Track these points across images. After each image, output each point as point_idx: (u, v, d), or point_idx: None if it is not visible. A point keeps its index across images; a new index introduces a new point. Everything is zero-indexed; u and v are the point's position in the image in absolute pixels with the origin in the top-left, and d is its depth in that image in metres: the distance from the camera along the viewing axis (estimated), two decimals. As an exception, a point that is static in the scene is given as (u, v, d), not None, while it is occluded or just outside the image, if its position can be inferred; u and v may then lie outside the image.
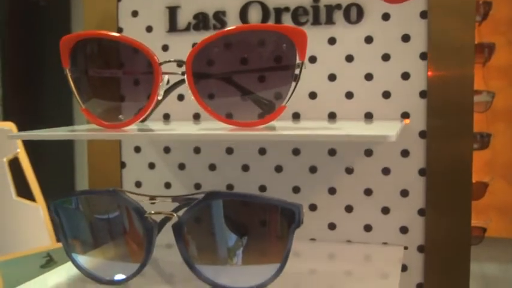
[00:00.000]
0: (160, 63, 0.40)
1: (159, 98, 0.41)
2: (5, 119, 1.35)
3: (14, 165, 0.99)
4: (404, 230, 0.50)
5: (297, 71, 0.40)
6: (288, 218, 0.37)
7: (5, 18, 1.38)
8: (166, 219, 0.44)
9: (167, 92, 0.47)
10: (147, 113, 0.41)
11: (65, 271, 0.44)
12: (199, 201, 0.38)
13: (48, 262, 0.88)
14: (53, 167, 1.38)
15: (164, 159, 0.55)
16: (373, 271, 0.45)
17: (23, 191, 0.99)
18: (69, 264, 0.44)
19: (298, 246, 0.50)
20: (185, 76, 0.40)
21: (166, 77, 0.41)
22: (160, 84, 0.40)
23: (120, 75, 0.43)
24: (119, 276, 0.41)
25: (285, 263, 0.38)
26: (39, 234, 0.96)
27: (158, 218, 0.41)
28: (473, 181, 1.12)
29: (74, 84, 0.42)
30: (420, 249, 0.50)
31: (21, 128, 0.99)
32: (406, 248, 0.50)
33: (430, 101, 0.48)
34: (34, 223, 0.98)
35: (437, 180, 0.49)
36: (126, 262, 0.41)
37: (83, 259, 0.42)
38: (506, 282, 1.40)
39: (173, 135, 0.38)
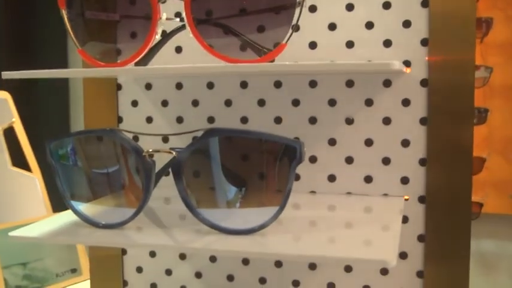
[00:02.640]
0: (159, 0, 0.39)
1: (157, 37, 0.40)
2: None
3: (9, 134, 0.98)
4: (405, 180, 0.49)
5: (297, 9, 0.39)
6: (289, 154, 0.36)
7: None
8: (164, 169, 0.43)
9: (165, 39, 0.46)
10: (145, 52, 0.40)
11: (63, 217, 0.43)
12: (198, 138, 0.37)
13: (44, 232, 0.87)
14: (47, 135, 1.36)
15: (162, 113, 0.54)
16: (374, 223, 0.44)
17: (18, 160, 0.98)
18: (68, 211, 0.43)
19: (297, 199, 0.49)
20: (184, 17, 0.40)
21: (164, 15, 0.40)
22: (159, 22, 0.40)
23: (117, 15, 0.42)
24: (116, 220, 0.40)
25: (286, 202, 0.37)
26: (35, 204, 0.95)
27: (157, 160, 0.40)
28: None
29: (70, 25, 0.41)
30: (421, 200, 0.49)
31: (16, 92, 0.98)
32: (406, 199, 0.49)
33: (431, 48, 0.48)
34: (30, 193, 0.97)
35: (439, 129, 0.48)
36: (124, 204, 0.40)
37: (80, 203, 0.41)
38: (503, 258, 1.41)
39: (167, 68, 0.37)
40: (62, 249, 0.93)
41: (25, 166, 0.97)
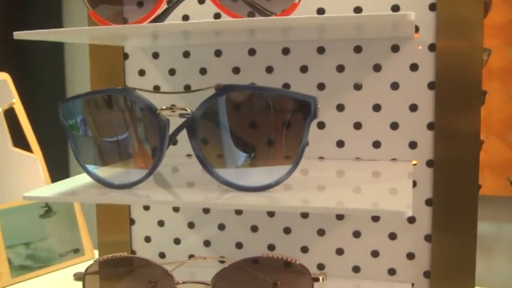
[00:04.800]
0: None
1: (170, -4, 0.40)
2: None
3: (9, 115, 0.98)
4: (413, 145, 0.50)
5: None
6: (303, 110, 0.36)
7: None
8: (179, 129, 0.43)
9: (176, 3, 0.46)
10: (157, 13, 0.40)
11: (76, 180, 0.44)
12: (212, 95, 0.37)
13: (47, 212, 0.87)
14: (48, 118, 1.35)
15: (169, 82, 0.54)
16: (385, 183, 0.44)
17: (19, 141, 0.98)
18: (81, 175, 0.43)
19: (306, 165, 0.49)
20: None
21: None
22: (171, -19, 0.40)
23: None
24: (130, 180, 0.40)
25: (301, 157, 0.37)
26: (37, 184, 0.95)
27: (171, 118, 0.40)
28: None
29: (80, -13, 0.41)
30: (429, 164, 0.50)
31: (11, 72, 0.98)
32: (415, 163, 0.50)
33: (439, 14, 0.48)
34: (32, 174, 0.97)
35: (447, 93, 0.48)
36: (138, 164, 0.41)
37: (93, 163, 0.41)
38: (500, 240, 1.42)
39: (180, 24, 0.37)
40: (65, 229, 0.93)
41: (26, 147, 0.96)
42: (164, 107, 0.38)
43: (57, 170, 1.04)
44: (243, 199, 0.37)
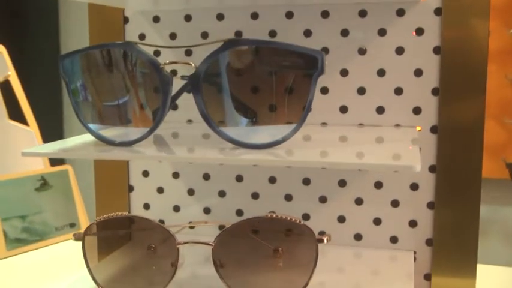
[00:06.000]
0: None
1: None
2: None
3: (4, 88, 0.96)
4: (417, 110, 0.49)
5: None
6: (310, 65, 0.36)
7: None
8: (183, 89, 0.41)
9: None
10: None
11: (76, 139, 0.43)
12: (217, 49, 0.36)
13: (43, 185, 0.86)
14: (42, 90, 1.34)
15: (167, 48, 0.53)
16: (389, 150, 0.43)
17: (14, 114, 0.97)
18: (81, 135, 0.43)
19: (308, 130, 0.49)
20: None
21: None
22: None
23: None
24: (132, 137, 0.39)
25: (307, 114, 0.37)
26: (32, 157, 0.94)
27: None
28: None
29: None
30: (433, 130, 0.49)
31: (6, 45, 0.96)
32: (419, 129, 0.49)
33: (446, -24, 0.47)
34: (27, 146, 0.96)
35: (453, 58, 0.47)
36: (139, 122, 0.40)
37: (93, 120, 0.40)
38: (495, 223, 1.42)
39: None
40: (61, 203, 0.92)
41: (22, 119, 0.95)
42: (168, 61, 0.38)
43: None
44: (251, 156, 0.36)
